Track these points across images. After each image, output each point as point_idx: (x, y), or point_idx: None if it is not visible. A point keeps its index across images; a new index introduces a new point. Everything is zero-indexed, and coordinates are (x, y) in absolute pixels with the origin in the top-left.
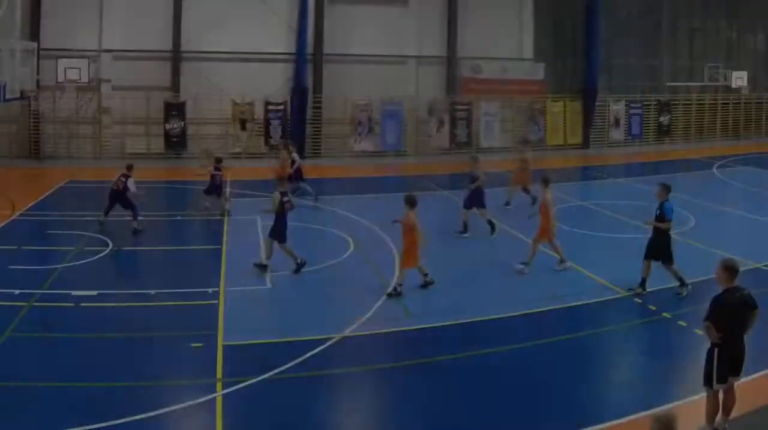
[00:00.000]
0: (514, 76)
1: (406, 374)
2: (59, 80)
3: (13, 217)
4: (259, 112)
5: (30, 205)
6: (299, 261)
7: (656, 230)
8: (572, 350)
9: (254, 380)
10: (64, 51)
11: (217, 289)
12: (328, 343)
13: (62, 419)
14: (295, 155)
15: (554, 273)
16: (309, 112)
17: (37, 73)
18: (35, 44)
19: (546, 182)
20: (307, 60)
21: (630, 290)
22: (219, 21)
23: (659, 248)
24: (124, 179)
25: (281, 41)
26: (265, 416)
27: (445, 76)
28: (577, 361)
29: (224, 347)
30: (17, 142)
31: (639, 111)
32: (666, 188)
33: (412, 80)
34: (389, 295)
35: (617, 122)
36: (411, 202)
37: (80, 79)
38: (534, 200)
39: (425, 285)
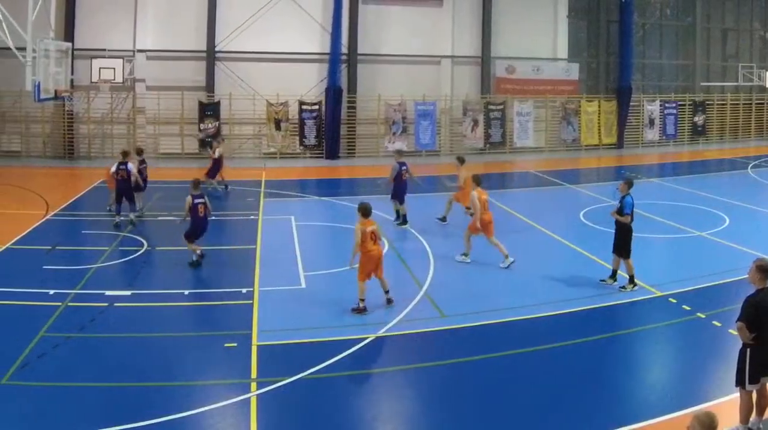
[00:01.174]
0: (548, 76)
1: (440, 375)
2: (93, 80)
3: (48, 217)
4: (293, 113)
5: (64, 205)
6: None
7: (616, 223)
8: (606, 350)
9: (288, 381)
10: (98, 51)
11: (251, 289)
12: (362, 343)
13: (97, 419)
14: (218, 152)
15: (588, 272)
16: (343, 113)
17: (72, 73)
18: (69, 44)
19: (477, 182)
20: (341, 60)
21: (602, 280)
22: (253, 21)
23: (617, 241)
24: (123, 167)
25: (315, 41)
26: (300, 416)
27: (479, 76)
28: (611, 361)
29: (258, 347)
30: (51, 143)
31: (673, 111)
32: (628, 183)
33: (446, 80)
34: (353, 310)
35: (652, 122)
36: (363, 211)
37: (114, 79)
38: None
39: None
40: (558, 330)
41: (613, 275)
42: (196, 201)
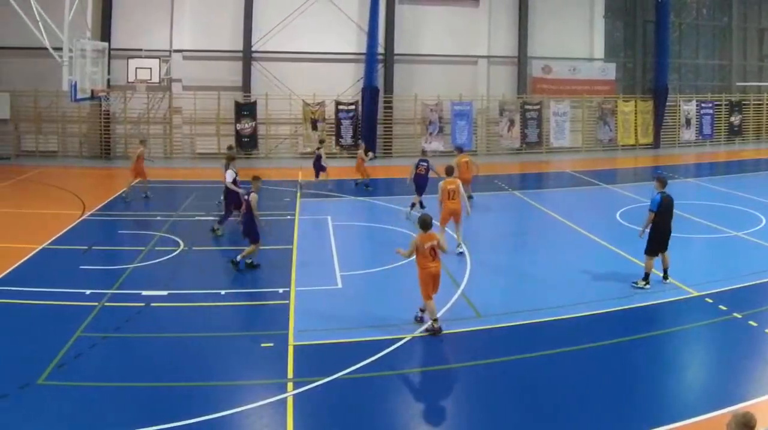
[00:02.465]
0: (585, 76)
1: (477, 375)
2: (130, 80)
3: (84, 217)
4: (329, 113)
5: (100, 205)
6: None
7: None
8: (642, 350)
9: (325, 381)
10: (135, 51)
11: (287, 289)
12: (399, 343)
13: (133, 419)
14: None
15: (625, 272)
16: (380, 112)
17: (108, 73)
18: (106, 44)
19: (448, 172)
20: (378, 60)
21: (634, 283)
22: (289, 21)
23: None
24: (223, 171)
25: (351, 41)
26: (336, 416)
27: (515, 76)
28: (647, 361)
29: (295, 347)
30: (88, 143)
31: (710, 111)
32: (660, 181)
33: (482, 80)
34: (428, 331)
35: (688, 122)
36: (422, 224)
37: (151, 79)
38: None
39: None
40: (594, 330)
41: (663, 276)
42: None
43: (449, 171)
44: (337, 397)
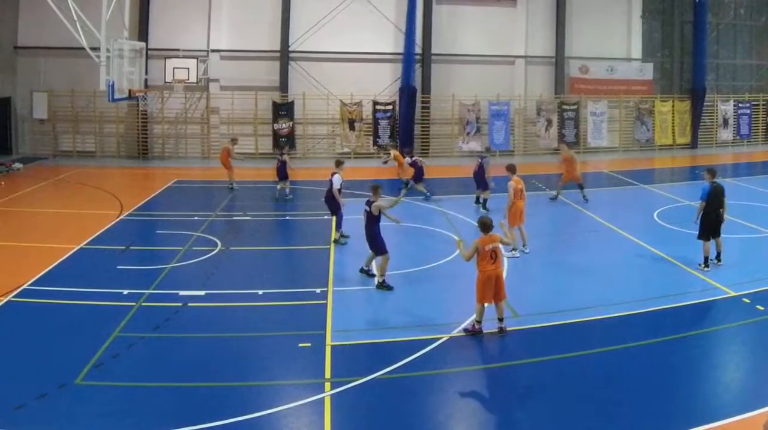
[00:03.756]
0: (622, 76)
1: (514, 375)
2: (167, 80)
3: (121, 217)
4: (367, 112)
5: (138, 205)
6: None
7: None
8: (679, 350)
9: (362, 381)
10: (172, 51)
11: (325, 289)
12: (436, 343)
13: (170, 419)
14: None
15: (662, 273)
16: (417, 112)
17: (146, 73)
18: (143, 44)
19: (512, 170)
20: (415, 60)
21: (699, 265)
22: (327, 21)
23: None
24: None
25: (389, 41)
26: (373, 416)
27: (552, 76)
28: (684, 361)
29: (332, 347)
30: (125, 143)
31: (747, 111)
32: (710, 172)
33: (519, 80)
34: (465, 331)
35: (725, 122)
36: (482, 226)
37: (188, 79)
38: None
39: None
40: (631, 330)
41: (716, 258)
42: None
43: (513, 169)
44: (374, 397)
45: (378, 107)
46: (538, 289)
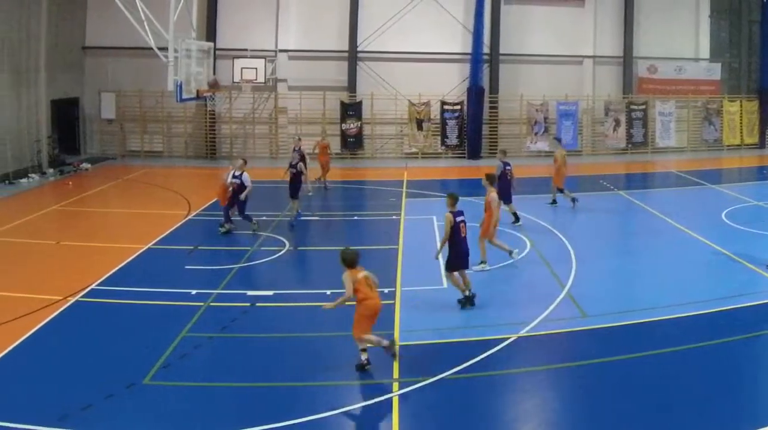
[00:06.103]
0: (690, 76)
1: (581, 375)
2: (235, 80)
3: (190, 217)
4: (435, 112)
5: (206, 205)
6: None
7: None
8: (746, 351)
9: (430, 381)
10: (240, 51)
11: (393, 289)
12: (504, 343)
13: (238, 419)
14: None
15: (726, 273)
16: (485, 112)
17: (214, 73)
18: (211, 44)
19: (491, 181)
20: (483, 60)
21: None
22: (394, 21)
23: None
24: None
25: (457, 42)
26: (441, 416)
27: (620, 76)
28: (751, 362)
29: (400, 347)
30: (193, 143)
31: None
32: None
33: (587, 80)
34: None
35: None
36: None
37: (256, 79)
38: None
39: None
40: (698, 330)
41: None
42: (458, 219)
43: (492, 179)
44: (442, 397)
45: (446, 107)
46: (606, 289)
